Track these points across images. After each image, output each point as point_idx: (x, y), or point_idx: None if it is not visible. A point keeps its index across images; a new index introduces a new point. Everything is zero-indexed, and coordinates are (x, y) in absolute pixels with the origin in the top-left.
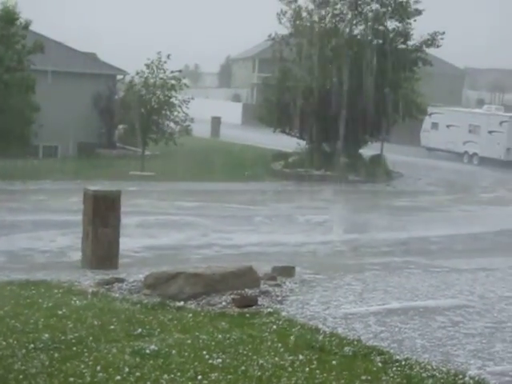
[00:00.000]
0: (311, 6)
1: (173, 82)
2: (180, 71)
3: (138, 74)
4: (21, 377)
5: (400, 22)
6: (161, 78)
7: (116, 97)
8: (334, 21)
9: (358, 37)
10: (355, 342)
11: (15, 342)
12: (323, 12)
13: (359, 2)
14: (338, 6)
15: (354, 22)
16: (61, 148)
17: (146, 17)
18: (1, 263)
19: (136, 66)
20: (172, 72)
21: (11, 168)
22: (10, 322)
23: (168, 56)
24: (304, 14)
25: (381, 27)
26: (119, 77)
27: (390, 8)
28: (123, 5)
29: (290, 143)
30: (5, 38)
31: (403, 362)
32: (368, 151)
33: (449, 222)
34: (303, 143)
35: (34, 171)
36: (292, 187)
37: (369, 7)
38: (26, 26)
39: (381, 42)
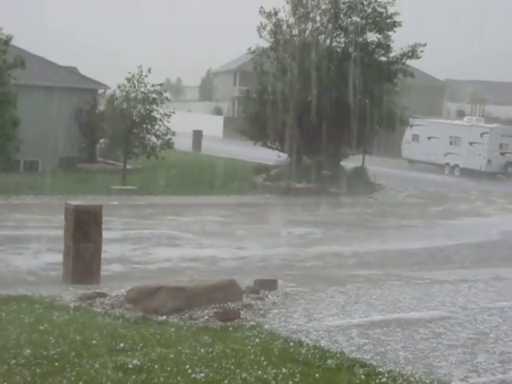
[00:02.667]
0: (291, 19)
1: (154, 95)
2: (161, 85)
3: (119, 87)
4: None
5: (380, 34)
6: (142, 92)
7: (97, 111)
8: (314, 34)
9: (339, 49)
10: (338, 355)
11: None
12: (303, 25)
13: (339, 15)
14: (318, 19)
15: (335, 34)
16: (42, 163)
17: (127, 31)
18: None
19: (117, 79)
20: (153, 86)
21: None
22: None
23: (149, 70)
24: (284, 27)
25: (361, 39)
26: (100, 91)
27: (369, 20)
28: (103, 19)
29: (271, 156)
30: None
31: (386, 375)
32: (349, 163)
33: (430, 234)
34: (284, 156)
35: (15, 186)
36: (274, 200)
37: (349, 20)
38: (7, 42)
39: (361, 54)
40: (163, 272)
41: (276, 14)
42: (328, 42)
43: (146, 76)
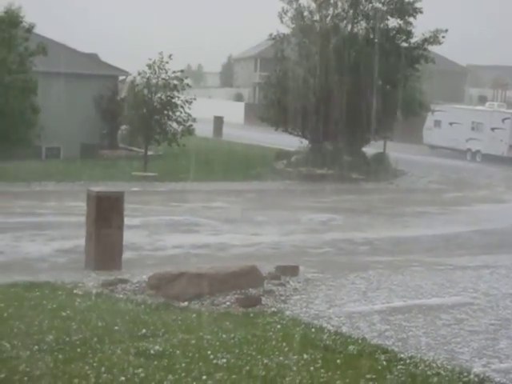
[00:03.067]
0: (313, 5)
1: (175, 82)
2: (182, 71)
3: (139, 74)
4: (25, 378)
5: (401, 20)
6: (163, 79)
7: (118, 97)
8: (335, 19)
9: (360, 35)
10: (360, 341)
11: (20, 344)
12: (324, 11)
13: (360, 1)
14: (340, 5)
15: (356, 20)
16: (63, 149)
17: (148, 17)
18: (4, 265)
19: (138, 66)
20: (174, 72)
21: (14, 170)
22: (14, 323)
23: (170, 56)
24: (305, 13)
25: (382, 25)
26: (121, 77)
27: (391, 6)
28: (125, 5)
29: (292, 142)
30: (7, 40)
31: (408, 361)
32: (371, 149)
33: (451, 220)
34: (305, 142)
35: (37, 173)
36: (294, 186)
37: (370, 5)
38: (30, 29)
39: (382, 39)
40: (184, 258)
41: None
42: (349, 27)
43: (167, 62)
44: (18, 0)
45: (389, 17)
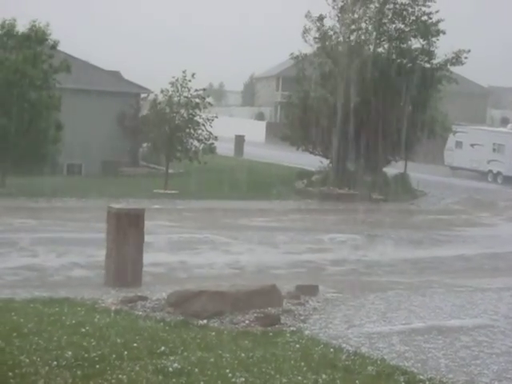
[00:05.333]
0: (336, 25)
1: (197, 100)
2: (204, 89)
3: (162, 92)
4: None
5: (424, 41)
6: (185, 97)
7: (140, 115)
8: (358, 39)
9: (382, 55)
10: (379, 362)
11: (38, 360)
12: (348, 31)
13: (383, 21)
14: (363, 25)
15: (378, 40)
16: (85, 166)
17: (171, 35)
18: (24, 280)
19: (160, 84)
20: (196, 90)
21: (36, 186)
22: (33, 339)
23: (193, 75)
24: (329, 33)
25: (405, 46)
26: (143, 95)
27: (413, 27)
28: (148, 23)
29: (313, 162)
30: (32, 57)
31: (427, 382)
32: (391, 170)
33: (472, 241)
34: (326, 162)
35: (58, 189)
36: (315, 206)
37: (393, 26)
38: (54, 46)
39: (405, 60)
40: (204, 276)
41: (322, 19)
42: (372, 48)
43: (190, 81)
44: (43, 17)
45: (411, 37)
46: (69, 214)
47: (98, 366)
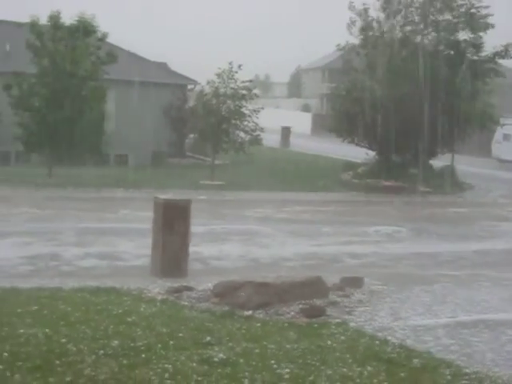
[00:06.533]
0: (381, 16)
1: (243, 91)
2: (251, 81)
3: (208, 83)
4: (90, 383)
5: (472, 33)
6: (231, 88)
7: (187, 106)
8: (404, 30)
9: (429, 47)
10: (424, 355)
11: (85, 348)
12: (393, 22)
13: (431, 10)
14: (409, 16)
15: (425, 31)
16: (131, 157)
17: (217, 27)
18: (72, 270)
19: (206, 75)
20: (243, 82)
21: (83, 176)
22: (80, 328)
23: (239, 66)
24: (374, 24)
25: (452, 37)
26: (190, 86)
27: (462, 19)
28: (195, 15)
29: (358, 154)
30: (78, 48)
31: (473, 376)
32: (438, 162)
33: None
34: (372, 154)
35: (105, 179)
36: (360, 198)
37: (441, 17)
38: (102, 39)
39: (452, 52)
40: (249, 267)
41: (366, 10)
42: (418, 39)
43: (236, 72)
44: (91, 8)
45: (459, 30)
46: (115, 205)
47: (143, 356)
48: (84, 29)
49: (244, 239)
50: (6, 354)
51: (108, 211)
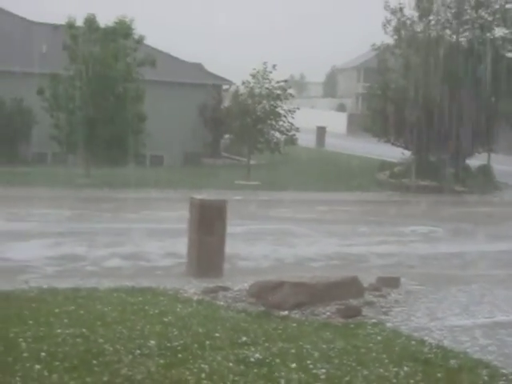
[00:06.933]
0: (416, 15)
1: (278, 91)
2: (286, 81)
3: (243, 83)
4: (127, 382)
5: (508, 30)
6: (266, 88)
7: (222, 107)
8: (438, 29)
9: (464, 44)
10: (461, 355)
11: (122, 348)
12: (428, 20)
13: (466, 10)
14: (443, 15)
15: (460, 30)
16: (167, 157)
17: (253, 27)
18: (108, 270)
19: (242, 76)
20: (277, 82)
21: (119, 176)
22: (117, 328)
23: (274, 66)
24: (408, 23)
25: (488, 35)
26: (225, 87)
27: (497, 16)
28: (229, 15)
29: (394, 153)
30: (114, 50)
31: (510, 376)
32: (474, 161)
33: None
34: (408, 153)
35: (141, 180)
36: (396, 198)
37: (475, 14)
38: (139, 41)
39: (488, 49)
40: (284, 267)
41: (401, 9)
42: (453, 37)
43: (271, 72)
44: (127, 10)
45: (495, 26)
46: (151, 205)
47: (180, 355)
48: (121, 31)
49: (279, 239)
50: (43, 353)
51: (144, 212)
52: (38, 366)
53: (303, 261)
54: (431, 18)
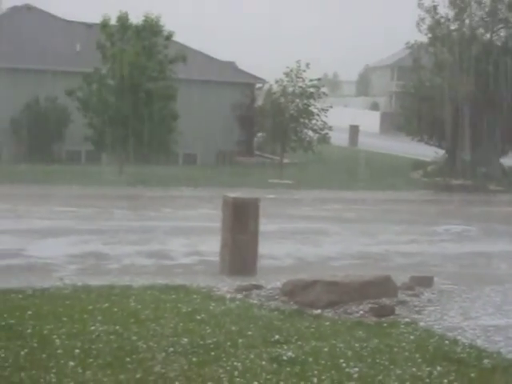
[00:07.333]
0: (450, 13)
1: (311, 90)
2: (319, 79)
3: (276, 82)
4: (160, 380)
5: None
6: (300, 87)
7: (255, 105)
8: (473, 28)
9: (499, 43)
10: (495, 355)
11: (155, 346)
12: (462, 19)
13: (500, 8)
14: (478, 13)
15: (494, 28)
16: (200, 156)
17: (285, 26)
18: (141, 268)
19: (275, 74)
20: (311, 80)
21: (153, 175)
22: (150, 325)
23: (307, 65)
24: (443, 21)
25: None
26: (258, 85)
27: None
28: (263, 14)
29: (428, 152)
30: (147, 48)
31: None
32: (509, 160)
33: None
34: (442, 152)
35: (174, 178)
36: (429, 197)
37: (510, 13)
38: (169, 37)
39: None
40: (316, 266)
41: (435, 8)
42: (487, 35)
43: (304, 71)
44: (155, 7)
45: None
46: (184, 203)
47: (213, 353)
48: (150, 28)
49: (312, 238)
50: (77, 350)
51: (176, 210)
52: (72, 363)
53: (336, 259)
54: (465, 16)
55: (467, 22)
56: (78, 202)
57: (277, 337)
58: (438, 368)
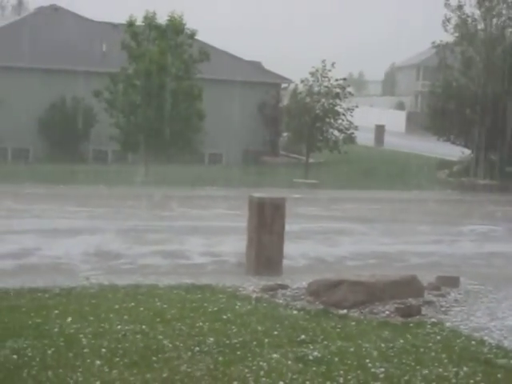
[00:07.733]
0: (477, 13)
1: (337, 89)
2: (344, 79)
3: (302, 82)
4: (186, 379)
5: None
6: (325, 86)
7: (280, 105)
8: (500, 27)
9: None
10: None
11: (181, 345)
12: (489, 18)
13: None
14: (504, 12)
15: None
16: (225, 155)
17: (312, 24)
18: (167, 267)
19: (300, 74)
20: (336, 80)
21: (178, 174)
22: (176, 325)
23: (332, 64)
24: (469, 21)
25: None
26: (284, 85)
27: None
28: (289, 15)
29: (454, 152)
30: (172, 47)
31: None
32: None
33: None
34: (468, 152)
35: (199, 178)
36: (455, 196)
37: None
38: (192, 36)
39: None
40: (342, 265)
41: (461, 7)
42: None
43: (330, 70)
44: (180, 7)
45: None
46: (210, 203)
47: (239, 353)
48: (174, 28)
49: (338, 238)
50: (103, 349)
51: (201, 209)
52: (98, 362)
53: (361, 259)
54: (492, 15)
55: (494, 21)
56: (102, 202)
57: (303, 337)
58: (465, 368)
